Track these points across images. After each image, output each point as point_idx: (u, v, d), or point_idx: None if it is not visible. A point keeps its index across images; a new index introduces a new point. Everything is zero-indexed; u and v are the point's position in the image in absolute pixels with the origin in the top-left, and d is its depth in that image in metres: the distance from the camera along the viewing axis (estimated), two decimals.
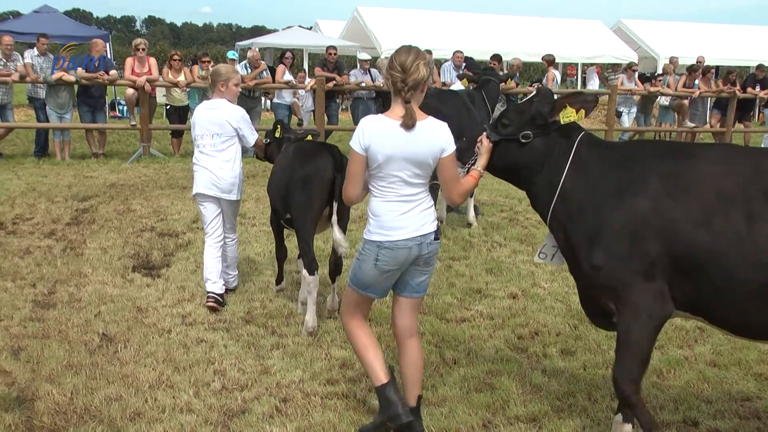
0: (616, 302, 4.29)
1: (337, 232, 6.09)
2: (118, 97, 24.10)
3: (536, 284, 7.96)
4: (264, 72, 17.07)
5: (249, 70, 16.78)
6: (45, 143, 16.14)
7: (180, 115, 16.74)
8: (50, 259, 8.47)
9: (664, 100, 20.32)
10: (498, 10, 32.00)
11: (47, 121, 15.67)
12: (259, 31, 77.45)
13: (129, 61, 16.02)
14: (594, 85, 28.07)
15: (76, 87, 15.77)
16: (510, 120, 4.68)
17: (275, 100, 17.74)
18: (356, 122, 17.54)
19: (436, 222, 4.61)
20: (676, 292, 4.18)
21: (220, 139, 7.06)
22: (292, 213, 6.65)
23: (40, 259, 8.46)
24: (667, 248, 4.09)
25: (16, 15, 37.20)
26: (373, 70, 17.61)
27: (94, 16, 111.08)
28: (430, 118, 4.50)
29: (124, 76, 16.17)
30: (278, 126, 7.36)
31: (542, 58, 19.85)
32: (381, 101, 17.54)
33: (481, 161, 4.70)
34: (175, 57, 16.47)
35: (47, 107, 15.56)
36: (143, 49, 15.95)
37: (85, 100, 15.92)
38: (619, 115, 19.52)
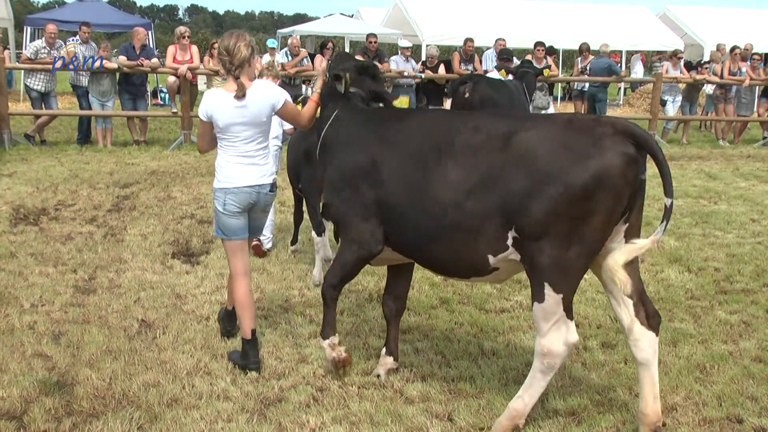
0: (341, 234, 5.24)
1: None
2: (160, 85, 24.26)
3: None
4: (304, 59, 17.06)
5: (289, 58, 16.78)
6: (88, 130, 16.31)
7: None
8: (91, 245, 8.54)
9: (710, 89, 19.95)
10: None
11: (90, 108, 15.83)
12: (300, 18, 77.52)
13: (171, 49, 16.11)
14: (638, 73, 27.65)
15: (117, 75, 15.90)
16: (335, 65, 5.64)
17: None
18: None
19: (274, 176, 5.69)
20: (388, 235, 4.98)
21: None
22: (302, 183, 7.82)
23: (81, 245, 8.53)
24: (377, 196, 4.93)
25: (62, 4, 37.60)
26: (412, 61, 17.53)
27: (138, 5, 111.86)
28: (257, 81, 5.49)
29: (165, 64, 16.27)
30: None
31: (580, 46, 19.73)
32: (422, 95, 17.45)
33: (318, 83, 5.69)
34: (216, 45, 16.51)
35: (90, 95, 15.72)
36: (187, 37, 16.03)
37: (127, 87, 16.04)
38: (663, 103, 19.19)
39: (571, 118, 4.46)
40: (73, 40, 13.88)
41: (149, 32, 26.53)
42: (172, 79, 16.28)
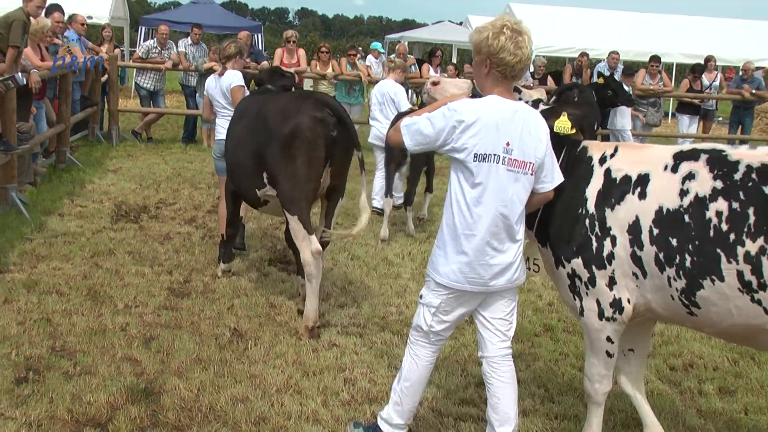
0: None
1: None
2: None
3: None
4: (412, 66, 16.85)
5: None
6: (193, 130, 16.44)
7: None
8: (188, 246, 8.46)
9: None
10: (659, 9, 30.30)
11: (197, 108, 15.94)
12: (409, 24, 77.51)
13: (278, 51, 16.10)
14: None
15: None
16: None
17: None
18: None
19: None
20: None
21: (385, 105, 10.49)
22: None
23: (179, 246, 8.46)
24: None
25: (177, 5, 38.54)
26: None
27: (249, 7, 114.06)
28: (230, 70, 7.84)
29: None
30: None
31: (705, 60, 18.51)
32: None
33: None
34: (323, 49, 16.42)
35: (197, 95, 15.83)
36: (293, 42, 15.99)
37: None
38: None
39: (302, 94, 7.17)
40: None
41: (259, 35, 26.84)
42: None
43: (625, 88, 14.18)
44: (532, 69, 18.28)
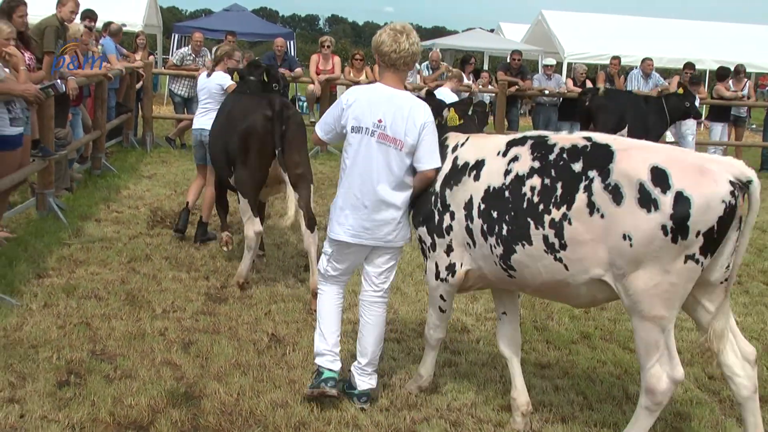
0: None
1: None
2: (298, 93, 24.50)
3: None
4: (445, 74, 16.85)
5: (430, 71, 16.60)
6: None
7: None
8: (224, 251, 8.50)
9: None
10: (692, 16, 30.13)
11: None
12: (439, 32, 77.36)
13: (314, 57, 16.20)
14: None
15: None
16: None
17: None
18: (536, 129, 17.08)
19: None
20: None
21: None
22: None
23: (215, 252, 8.52)
24: None
25: (208, 13, 38.80)
26: (557, 76, 17.01)
27: (280, 14, 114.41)
28: (222, 72, 8.77)
29: (309, 72, 16.35)
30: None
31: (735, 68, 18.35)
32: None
33: None
34: (357, 56, 16.49)
35: None
36: (329, 47, 16.06)
37: None
38: None
39: (270, 99, 7.22)
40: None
41: (291, 42, 26.98)
42: (311, 87, 16.34)
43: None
44: (565, 77, 18.25)
